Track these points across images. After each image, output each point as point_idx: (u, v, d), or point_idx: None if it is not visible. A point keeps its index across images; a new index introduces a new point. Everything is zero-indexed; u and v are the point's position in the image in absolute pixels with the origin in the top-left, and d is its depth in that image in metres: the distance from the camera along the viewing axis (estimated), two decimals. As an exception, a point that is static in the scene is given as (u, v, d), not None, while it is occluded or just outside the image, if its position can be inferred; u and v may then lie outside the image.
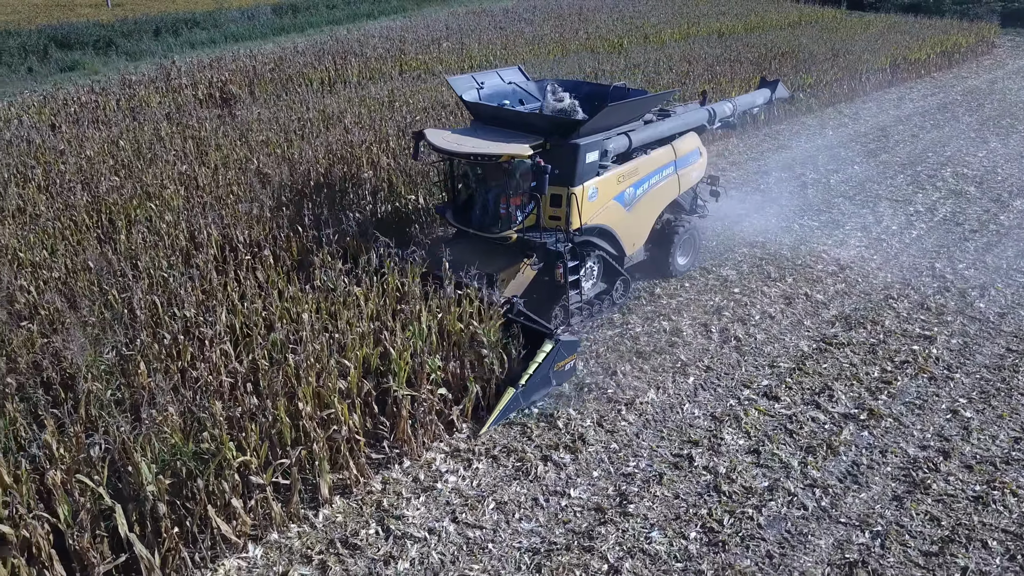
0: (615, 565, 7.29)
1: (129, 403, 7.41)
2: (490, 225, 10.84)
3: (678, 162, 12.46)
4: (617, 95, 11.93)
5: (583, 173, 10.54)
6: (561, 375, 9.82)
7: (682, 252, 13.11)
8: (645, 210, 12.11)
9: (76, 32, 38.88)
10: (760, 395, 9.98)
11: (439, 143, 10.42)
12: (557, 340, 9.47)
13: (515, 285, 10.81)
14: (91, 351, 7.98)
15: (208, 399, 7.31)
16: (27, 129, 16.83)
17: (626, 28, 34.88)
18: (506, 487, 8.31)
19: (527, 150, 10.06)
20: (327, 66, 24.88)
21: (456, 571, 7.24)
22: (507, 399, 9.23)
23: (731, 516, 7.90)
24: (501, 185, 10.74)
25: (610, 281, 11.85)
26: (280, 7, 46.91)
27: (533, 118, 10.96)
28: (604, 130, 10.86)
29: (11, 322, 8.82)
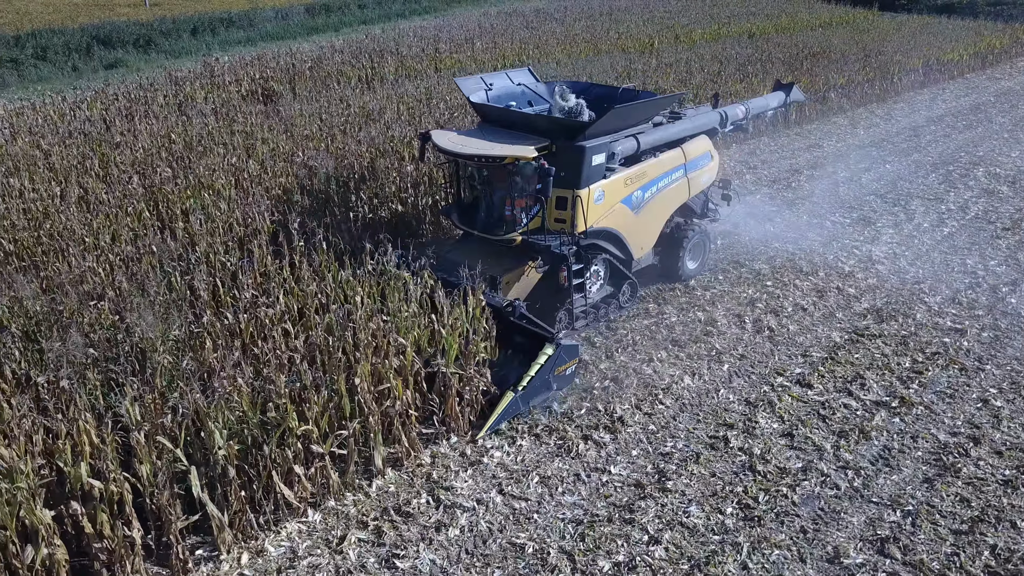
0: (655, 536, 7.65)
1: (198, 375, 7.87)
2: (495, 227, 10.75)
3: (688, 165, 12.29)
4: (626, 97, 11.87)
5: (589, 176, 10.42)
6: (562, 379, 9.71)
7: (692, 256, 12.94)
8: (654, 213, 11.95)
9: (117, 31, 39.80)
10: (793, 382, 10.28)
11: (444, 144, 10.41)
12: (558, 344, 9.39)
13: (519, 288, 10.75)
14: (160, 327, 8.48)
15: (273, 372, 7.77)
16: (82, 122, 17.51)
17: (656, 28, 35.13)
18: (549, 463, 8.71)
19: (531, 152, 9.98)
20: (364, 64, 25.44)
21: (504, 538, 7.64)
22: (506, 403, 9.15)
23: (766, 494, 8.23)
24: (506, 187, 10.65)
25: (617, 285, 11.76)
26: (313, 7, 47.64)
27: (539, 120, 10.91)
28: (611, 132, 10.73)
29: (83, 301, 9.36)
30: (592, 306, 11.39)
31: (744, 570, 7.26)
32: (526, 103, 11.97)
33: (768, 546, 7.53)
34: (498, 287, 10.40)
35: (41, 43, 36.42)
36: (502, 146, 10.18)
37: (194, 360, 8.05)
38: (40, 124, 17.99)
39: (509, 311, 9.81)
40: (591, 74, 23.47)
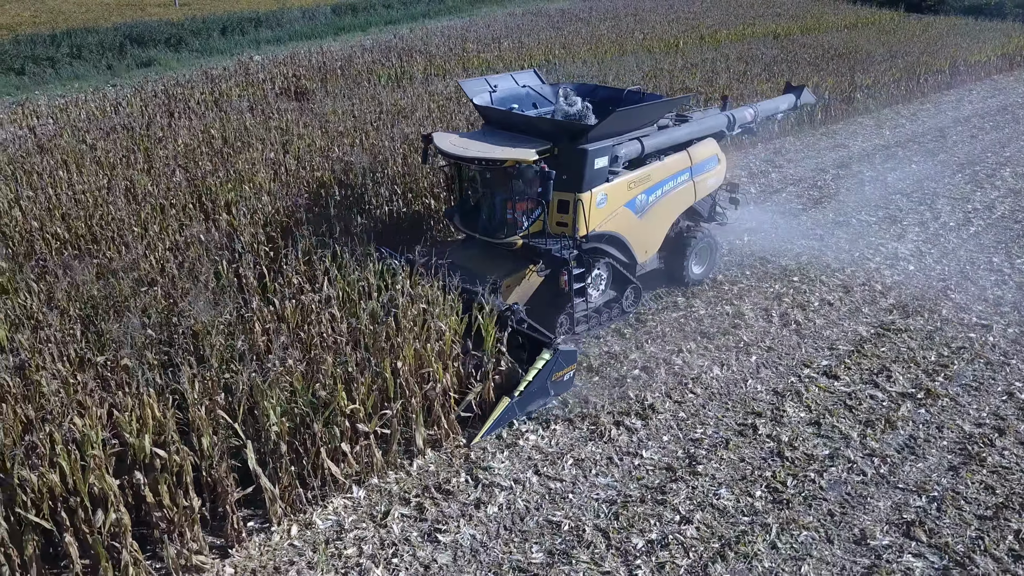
0: (687, 516, 7.93)
1: (249, 356, 8.25)
2: (496, 230, 10.69)
3: (694, 168, 12.12)
4: (631, 99, 11.78)
5: (591, 179, 10.32)
6: (559, 385, 9.62)
7: (697, 260, 12.83)
8: (658, 217, 11.83)
9: (149, 30, 40.53)
10: (820, 374, 10.51)
11: (445, 147, 10.36)
12: (555, 350, 9.32)
13: (520, 292, 10.69)
14: (212, 312, 8.88)
15: (321, 354, 8.14)
16: (124, 117, 18.04)
17: (682, 29, 35.29)
18: (582, 447, 9.01)
19: (532, 155, 9.91)
20: (393, 63, 25.87)
21: (541, 516, 7.96)
22: (502, 409, 9.10)
23: (794, 479, 8.48)
24: (507, 190, 10.56)
25: (620, 289, 11.66)
26: (339, 7, 48.22)
27: (541, 122, 10.84)
28: (614, 135, 10.64)
29: (136, 287, 9.79)
30: (594, 310, 11.34)
31: (773, 549, 7.52)
32: (531, 105, 11.92)
33: (796, 527, 7.79)
34: (498, 291, 10.27)
35: (76, 42, 37.20)
36: (503, 149, 10.12)
37: (244, 342, 8.42)
38: (83, 119, 18.54)
39: (508, 315, 9.72)
40: (617, 74, 23.74)
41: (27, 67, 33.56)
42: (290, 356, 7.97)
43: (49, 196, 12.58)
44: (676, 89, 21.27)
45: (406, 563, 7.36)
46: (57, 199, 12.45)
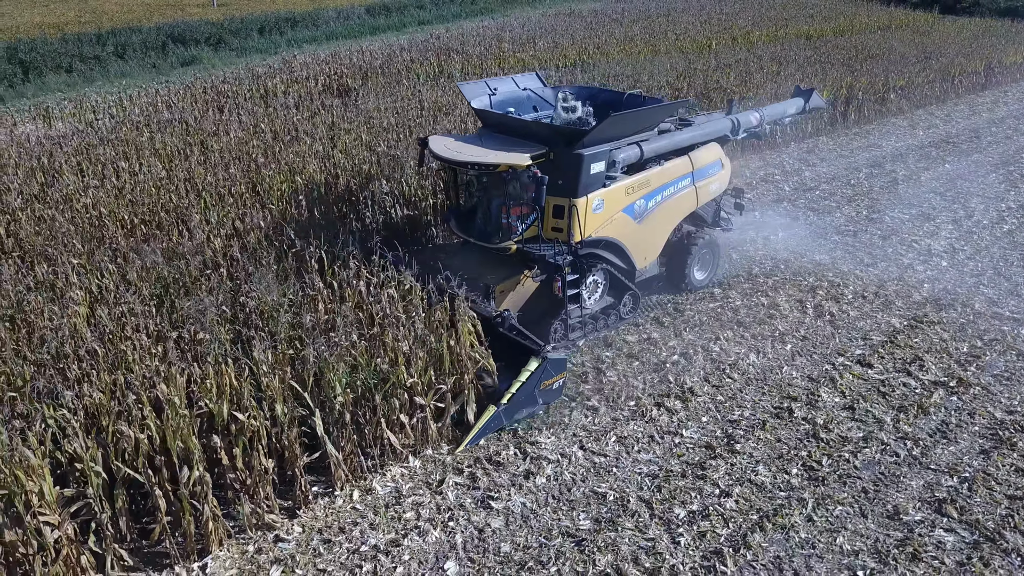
0: (726, 490, 8.34)
1: (315, 333, 8.78)
2: (490, 235, 10.60)
3: (696, 173, 11.90)
4: (631, 103, 11.59)
5: (587, 184, 10.22)
6: (548, 394, 9.51)
7: (700, 267, 12.65)
8: (658, 223, 11.64)
9: (191, 29, 41.53)
10: (854, 362, 10.84)
11: (439, 151, 10.29)
12: (544, 358, 9.19)
13: (514, 297, 10.58)
14: (279, 290, 9.44)
15: (379, 331, 8.66)
16: (180, 112, 18.78)
17: (714, 30, 35.51)
18: (625, 425, 9.45)
19: (525, 160, 9.83)
20: (431, 61, 26.45)
21: (587, 487, 8.41)
22: (488, 417, 8.99)
23: (829, 458, 8.85)
24: (502, 195, 10.47)
25: (617, 295, 11.50)
26: (373, 8, 49.00)
27: (537, 127, 10.74)
28: (611, 140, 10.51)
29: (203, 269, 10.40)
30: (591, 317, 11.19)
31: (809, 522, 7.91)
32: (531, 108, 11.82)
33: (832, 503, 8.16)
34: (491, 296, 10.27)
35: (121, 41, 38.25)
36: (497, 153, 10.05)
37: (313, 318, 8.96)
38: (137, 114, 19.31)
39: (498, 321, 9.67)
40: (651, 73, 24.10)
41: (75, 65, 34.65)
42: (355, 331, 8.50)
43: (114, 185, 13.26)
44: (710, 89, 21.59)
45: (461, 526, 7.85)
46: (121, 188, 13.13)
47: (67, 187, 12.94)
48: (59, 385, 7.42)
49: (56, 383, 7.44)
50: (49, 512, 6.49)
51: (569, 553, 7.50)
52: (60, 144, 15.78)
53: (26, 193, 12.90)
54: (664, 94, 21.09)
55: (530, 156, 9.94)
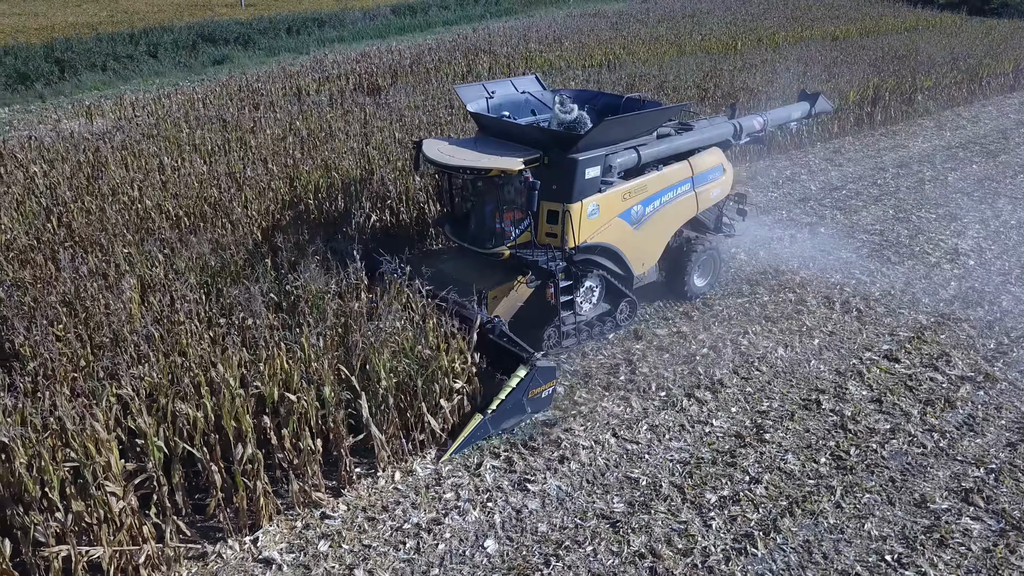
0: (756, 477, 8.58)
1: (360, 320, 9.12)
2: (484, 240, 10.53)
3: (696, 179, 11.79)
4: (630, 107, 11.52)
5: (582, 189, 10.14)
6: (537, 402, 9.40)
7: (700, 273, 12.46)
8: (656, 229, 11.53)
9: (220, 29, 42.20)
10: (881, 357, 11.03)
11: (431, 154, 10.25)
12: (532, 366, 9.07)
13: (508, 303, 10.47)
14: (323, 279, 9.80)
15: (422, 319, 8.99)
16: (217, 109, 19.25)
17: (739, 31, 35.58)
18: (656, 415, 9.71)
19: (518, 164, 9.76)
20: (459, 61, 26.81)
21: (620, 472, 8.68)
22: (473, 426, 8.90)
23: (857, 448, 9.06)
24: (495, 199, 10.42)
25: (614, 302, 11.38)
26: (398, 8, 49.50)
27: (531, 131, 10.63)
28: (607, 144, 10.40)
29: (248, 259, 10.79)
30: (586, 324, 11.10)
31: (838, 508, 8.13)
32: (529, 112, 11.76)
33: (860, 491, 8.38)
34: (484, 302, 10.20)
35: (152, 40, 38.95)
36: (489, 157, 9.98)
37: (361, 307, 9.29)
38: (175, 112, 19.81)
39: (488, 328, 9.56)
40: (678, 73, 24.29)
41: (108, 64, 35.37)
42: (398, 319, 8.84)
43: (158, 179, 13.70)
44: (737, 89, 21.76)
45: (499, 507, 8.15)
46: (165, 182, 13.56)
47: (113, 180, 13.38)
48: (120, 366, 7.79)
49: (117, 364, 7.81)
50: (115, 484, 6.87)
51: (604, 534, 7.77)
52: (105, 139, 16.26)
53: (74, 186, 13.36)
54: (692, 94, 21.31)
55: (523, 160, 9.85)
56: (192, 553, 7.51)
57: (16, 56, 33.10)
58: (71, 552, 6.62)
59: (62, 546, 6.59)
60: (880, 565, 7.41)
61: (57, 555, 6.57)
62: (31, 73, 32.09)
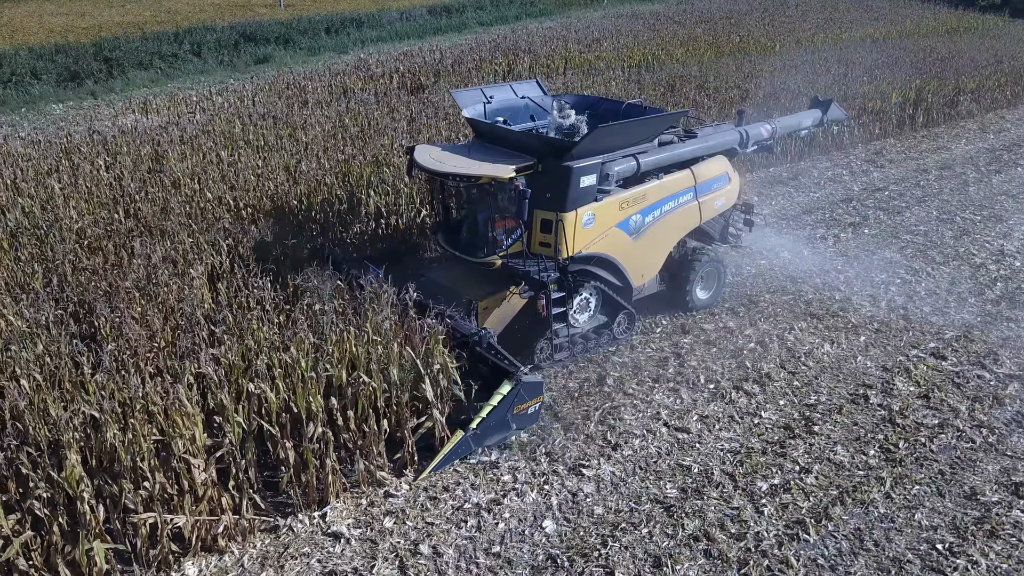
0: (806, 467, 8.77)
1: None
2: (475, 249, 10.29)
3: (699, 188, 11.39)
4: (631, 113, 11.25)
5: (577, 198, 9.84)
6: (523, 419, 9.10)
7: (703, 285, 12.11)
8: (656, 239, 11.16)
9: (261, 29, 42.92)
10: (928, 354, 11.13)
11: (422, 160, 10.03)
12: (518, 381, 8.77)
13: (499, 314, 10.18)
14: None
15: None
16: (269, 106, 19.78)
17: (778, 32, 35.54)
18: (705, 406, 9.93)
19: (509, 172, 9.51)
20: (499, 61, 27.15)
21: (672, 460, 8.92)
22: (454, 443, 8.63)
23: (905, 442, 9.20)
24: (487, 207, 10.18)
25: (611, 314, 11.03)
26: (434, 8, 50.00)
27: (526, 137, 10.37)
28: (604, 152, 10.14)
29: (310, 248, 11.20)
30: (581, 336, 10.82)
31: (888, 499, 8.29)
32: (528, 117, 11.45)
33: (909, 482, 8.53)
34: (473, 313, 9.99)
35: (196, 39, 39.75)
36: (480, 164, 9.75)
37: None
38: (226, 109, 20.36)
39: (475, 340, 9.28)
40: (717, 74, 24.41)
41: (154, 62, 36.22)
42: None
43: (216, 172, 14.18)
44: (778, 90, 21.83)
45: (556, 489, 8.43)
46: (223, 175, 14.04)
47: (174, 173, 13.88)
48: (197, 347, 8.20)
49: (195, 345, 8.22)
50: (198, 457, 7.25)
51: (659, 517, 8.02)
52: (164, 132, 16.82)
53: (137, 178, 13.88)
54: (733, 95, 21.43)
55: (515, 168, 9.59)
56: (265, 526, 7.88)
57: (67, 54, 34.02)
58: (158, 519, 7.01)
59: (150, 513, 6.98)
60: (931, 554, 7.57)
61: (145, 522, 6.96)
62: (81, 71, 32.97)
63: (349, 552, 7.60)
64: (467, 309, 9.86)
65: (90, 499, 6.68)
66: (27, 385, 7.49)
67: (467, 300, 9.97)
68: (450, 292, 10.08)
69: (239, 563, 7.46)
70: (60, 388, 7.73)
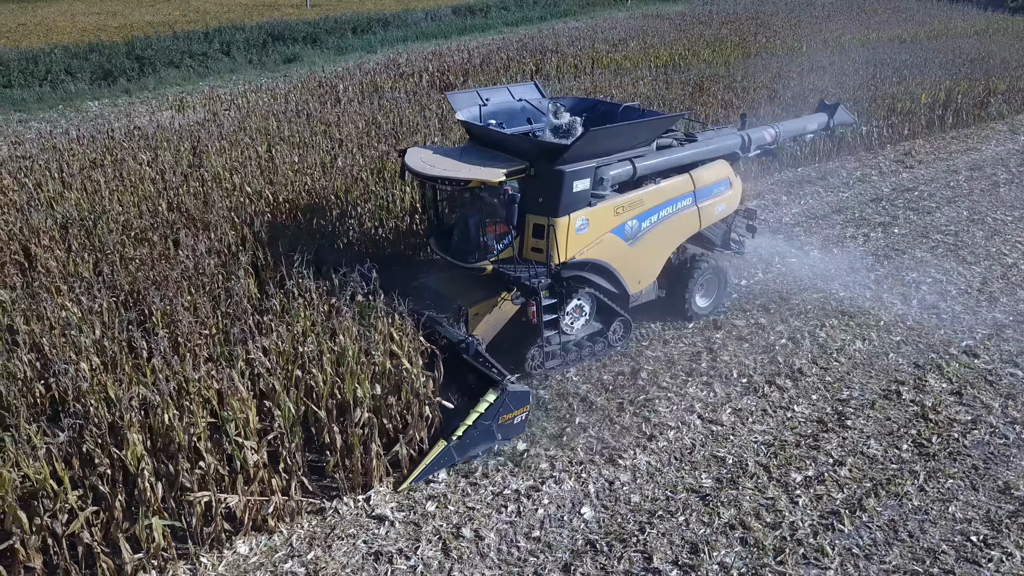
0: (839, 460, 8.89)
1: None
2: (467, 254, 10.10)
3: (698, 193, 11.16)
4: (627, 116, 11.03)
5: (569, 202, 9.66)
6: (508, 429, 8.94)
7: (703, 293, 11.90)
8: (653, 245, 10.94)
9: (289, 28, 43.44)
10: (960, 352, 11.19)
11: (411, 163, 9.90)
12: (503, 390, 8.63)
13: (490, 321, 9.93)
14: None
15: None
16: (295, 104, 20.11)
17: (805, 32, 35.44)
18: (739, 400, 10.07)
19: (499, 176, 9.32)
20: (527, 60, 27.36)
21: (706, 451, 9.08)
22: (436, 453, 8.50)
23: (938, 437, 9.30)
24: (478, 212, 10.00)
25: (606, 321, 10.83)
26: (459, 9, 50.31)
27: (518, 141, 10.11)
28: (598, 156, 9.90)
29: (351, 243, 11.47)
30: (575, 344, 10.63)
31: (921, 492, 8.40)
32: (525, 120, 11.28)
33: (943, 476, 8.63)
34: (463, 319, 9.83)
35: (225, 39, 40.32)
36: (470, 168, 9.60)
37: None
38: (260, 106, 20.73)
39: (462, 347, 9.18)
40: (745, 74, 24.46)
41: (185, 61, 36.80)
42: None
43: (254, 168, 14.49)
44: (807, 91, 21.86)
45: (593, 477, 8.62)
46: (262, 170, 14.35)
47: (214, 168, 14.21)
48: (247, 334, 8.47)
49: (245, 332, 8.49)
50: (251, 439, 7.51)
51: (695, 506, 8.18)
52: (203, 129, 17.19)
53: (178, 172, 14.22)
54: (761, 95, 21.49)
55: (505, 172, 9.40)
56: (312, 508, 8.13)
57: (100, 53, 34.65)
58: (212, 498, 7.28)
59: (205, 492, 7.25)
60: (966, 545, 7.68)
61: (200, 500, 7.23)
62: (114, 69, 33.58)
63: (393, 534, 7.84)
64: (457, 315, 9.74)
65: (150, 477, 6.95)
66: (87, 368, 7.80)
67: (457, 306, 9.86)
68: (442, 298, 10.04)
69: (288, 542, 7.72)
70: (116, 372, 8.03)
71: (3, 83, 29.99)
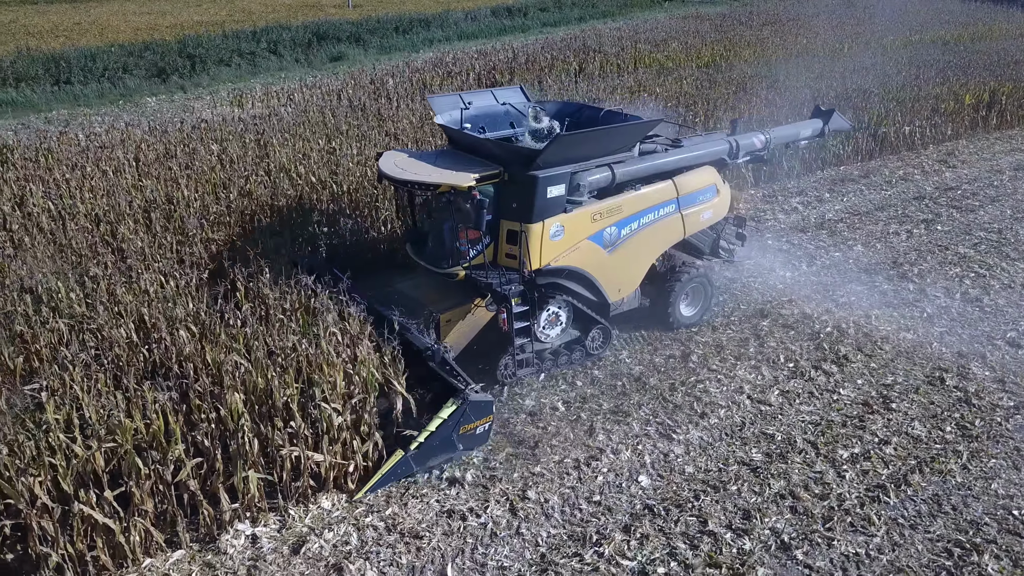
0: (884, 439, 9.31)
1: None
2: (439, 260, 9.92)
3: (682, 200, 10.96)
4: (608, 120, 10.68)
5: (543, 208, 9.45)
6: (469, 439, 8.74)
7: (688, 302, 11.72)
8: (634, 253, 10.73)
9: (333, 28, 44.38)
10: (1003, 343, 11.50)
11: (386, 168, 9.73)
12: (463, 400, 8.48)
13: (463, 328, 9.86)
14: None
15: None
16: (351, 99, 20.86)
17: (846, 34, 35.53)
18: (786, 383, 10.51)
19: (469, 181, 9.11)
20: (570, 60, 27.90)
21: (756, 429, 9.54)
22: (393, 462, 8.32)
23: (981, 421, 9.66)
24: (450, 217, 9.77)
25: (584, 329, 10.66)
26: (497, 9, 50.97)
27: (492, 145, 9.90)
28: (573, 161, 9.68)
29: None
30: (551, 352, 10.48)
31: (965, 470, 8.79)
32: (508, 124, 11.03)
33: (985, 456, 9.01)
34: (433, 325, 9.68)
35: (272, 38, 41.34)
36: (441, 172, 9.44)
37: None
38: (315, 101, 21.51)
39: (428, 355, 9.06)
40: (787, 74, 24.74)
41: (233, 59, 37.89)
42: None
43: (316, 159, 15.21)
44: (850, 91, 22.11)
45: (648, 450, 9.13)
46: (325, 161, 15.06)
47: (279, 159, 14.95)
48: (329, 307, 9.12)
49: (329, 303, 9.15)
50: (337, 402, 8.15)
51: (746, 477, 8.66)
52: (264, 122, 17.98)
53: (246, 163, 14.98)
54: (804, 96, 21.76)
55: (476, 177, 9.21)
56: (387, 470, 8.73)
57: (154, 51, 35.81)
58: (301, 455, 7.92)
59: (294, 448, 7.90)
60: (1008, 518, 8.07)
61: (291, 455, 7.87)
62: (168, 67, 34.70)
63: (464, 495, 8.42)
64: (428, 322, 9.60)
65: (249, 432, 7.61)
66: (185, 336, 8.50)
67: (428, 312, 9.74)
68: (415, 304, 9.98)
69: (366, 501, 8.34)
70: (210, 339, 8.72)
71: (65, 79, 31.28)
